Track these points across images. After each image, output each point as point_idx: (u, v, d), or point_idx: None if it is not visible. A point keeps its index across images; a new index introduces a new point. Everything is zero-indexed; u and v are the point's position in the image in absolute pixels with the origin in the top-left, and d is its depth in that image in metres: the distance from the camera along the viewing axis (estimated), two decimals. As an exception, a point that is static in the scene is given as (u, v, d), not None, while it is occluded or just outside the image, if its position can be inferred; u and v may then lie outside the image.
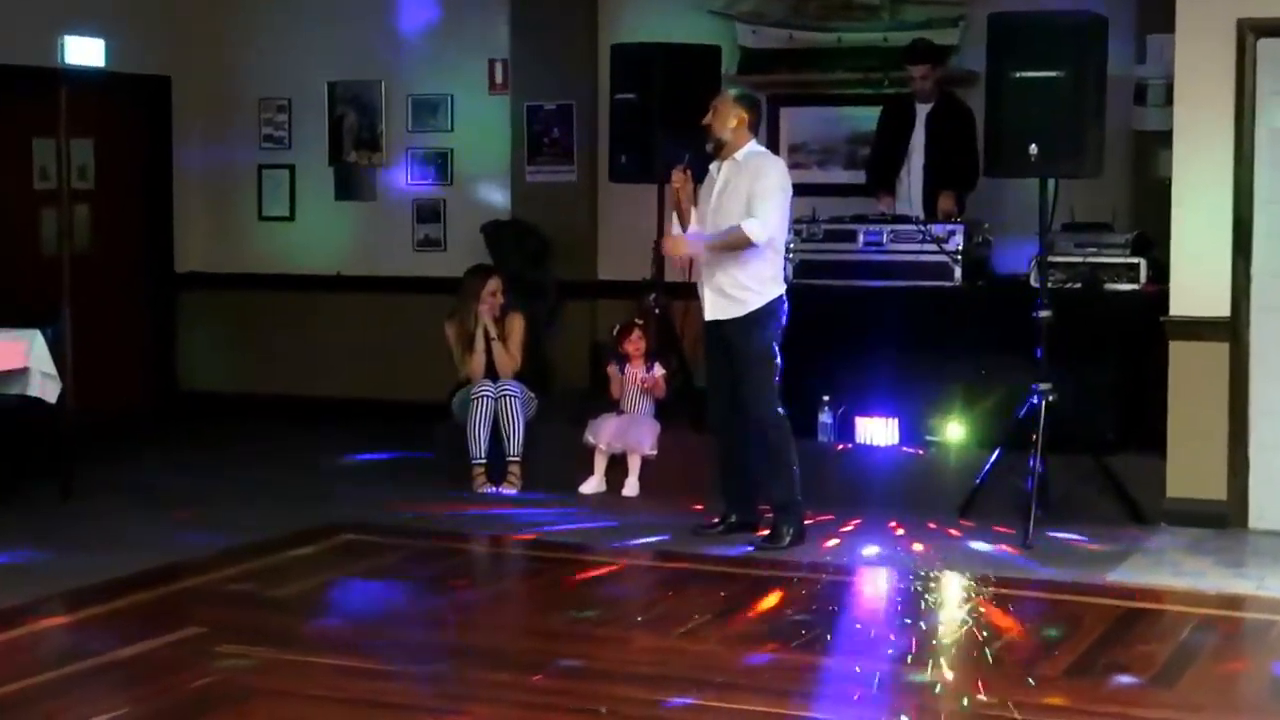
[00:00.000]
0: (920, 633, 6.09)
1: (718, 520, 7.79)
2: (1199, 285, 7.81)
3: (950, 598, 6.77)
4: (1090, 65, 7.63)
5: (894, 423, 8.46)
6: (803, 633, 6.06)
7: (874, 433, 8.50)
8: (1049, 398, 7.71)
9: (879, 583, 7.08)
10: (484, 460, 8.82)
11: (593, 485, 8.76)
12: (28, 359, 8.14)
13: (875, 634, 6.13)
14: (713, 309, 7.54)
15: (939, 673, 5.62)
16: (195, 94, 11.49)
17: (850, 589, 6.97)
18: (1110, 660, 5.74)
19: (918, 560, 7.25)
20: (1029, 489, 7.61)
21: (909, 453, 8.44)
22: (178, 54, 11.34)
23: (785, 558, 7.31)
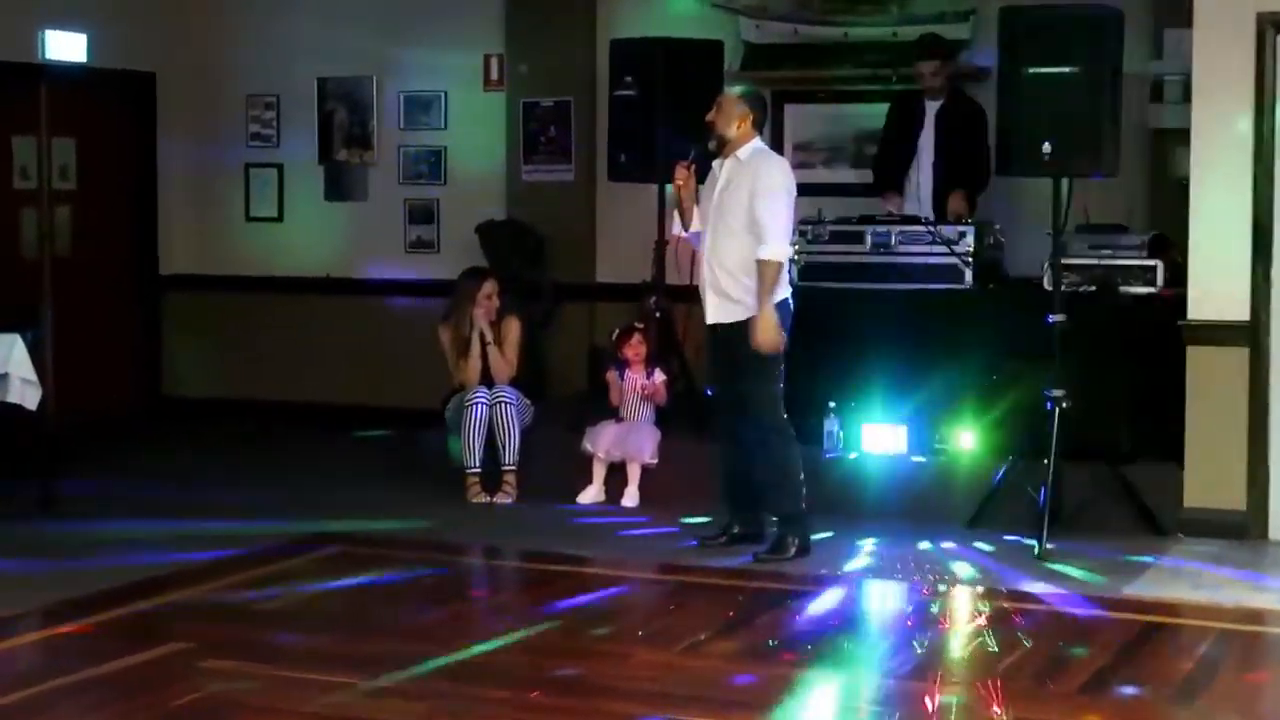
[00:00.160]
0: (930, 648, 6.08)
1: (721, 532, 7.79)
2: (1218, 288, 7.81)
3: (960, 612, 6.76)
4: (1105, 61, 7.64)
5: (902, 430, 8.46)
6: (808, 648, 6.05)
7: (881, 441, 8.50)
8: (1063, 404, 7.71)
9: (887, 596, 7.07)
10: (478, 469, 8.81)
11: (591, 495, 8.75)
12: (6, 364, 8.13)
13: (883, 650, 6.13)
14: (714, 312, 7.54)
15: (949, 690, 5.60)
16: (180, 90, 11.49)
17: (857, 603, 6.97)
18: (1126, 677, 5.74)
19: (927, 573, 7.25)
20: (1042, 499, 7.61)
21: (917, 462, 8.44)
22: (162, 49, 11.35)
23: (790, 570, 7.31)
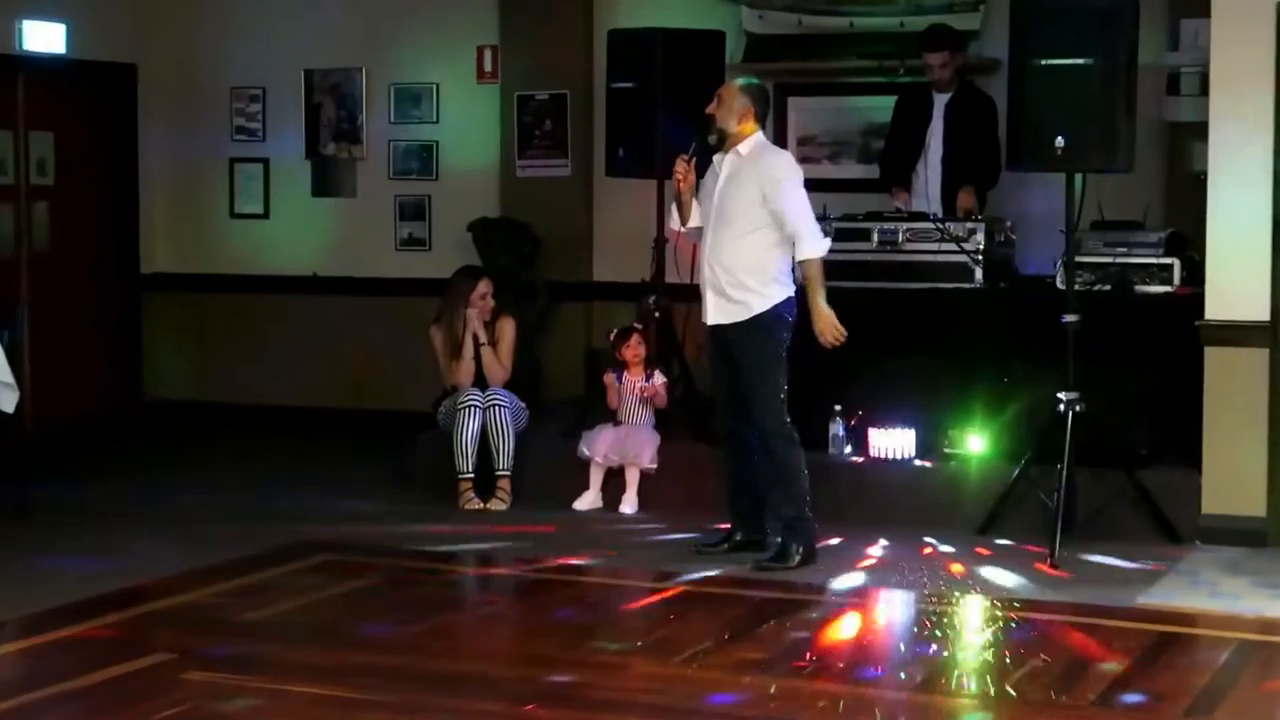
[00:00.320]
0: (939, 659, 6.09)
1: (722, 539, 7.79)
2: (1236, 287, 7.80)
3: (970, 621, 6.76)
4: (1120, 52, 7.63)
5: (910, 434, 8.47)
6: (813, 659, 6.05)
7: (889, 445, 8.50)
8: (1076, 407, 7.71)
9: (894, 605, 7.07)
10: (471, 474, 8.80)
11: (588, 501, 8.75)
12: (-18, 366, 8.14)
13: (891, 660, 6.13)
14: (714, 312, 7.53)
15: (958, 702, 5.61)
16: (163, 83, 11.49)
17: (864, 612, 6.96)
18: (1141, 688, 5.73)
19: (936, 581, 7.25)
20: (1055, 505, 7.61)
21: (926, 466, 8.45)
22: (144, 40, 11.35)
23: (794, 578, 7.30)
